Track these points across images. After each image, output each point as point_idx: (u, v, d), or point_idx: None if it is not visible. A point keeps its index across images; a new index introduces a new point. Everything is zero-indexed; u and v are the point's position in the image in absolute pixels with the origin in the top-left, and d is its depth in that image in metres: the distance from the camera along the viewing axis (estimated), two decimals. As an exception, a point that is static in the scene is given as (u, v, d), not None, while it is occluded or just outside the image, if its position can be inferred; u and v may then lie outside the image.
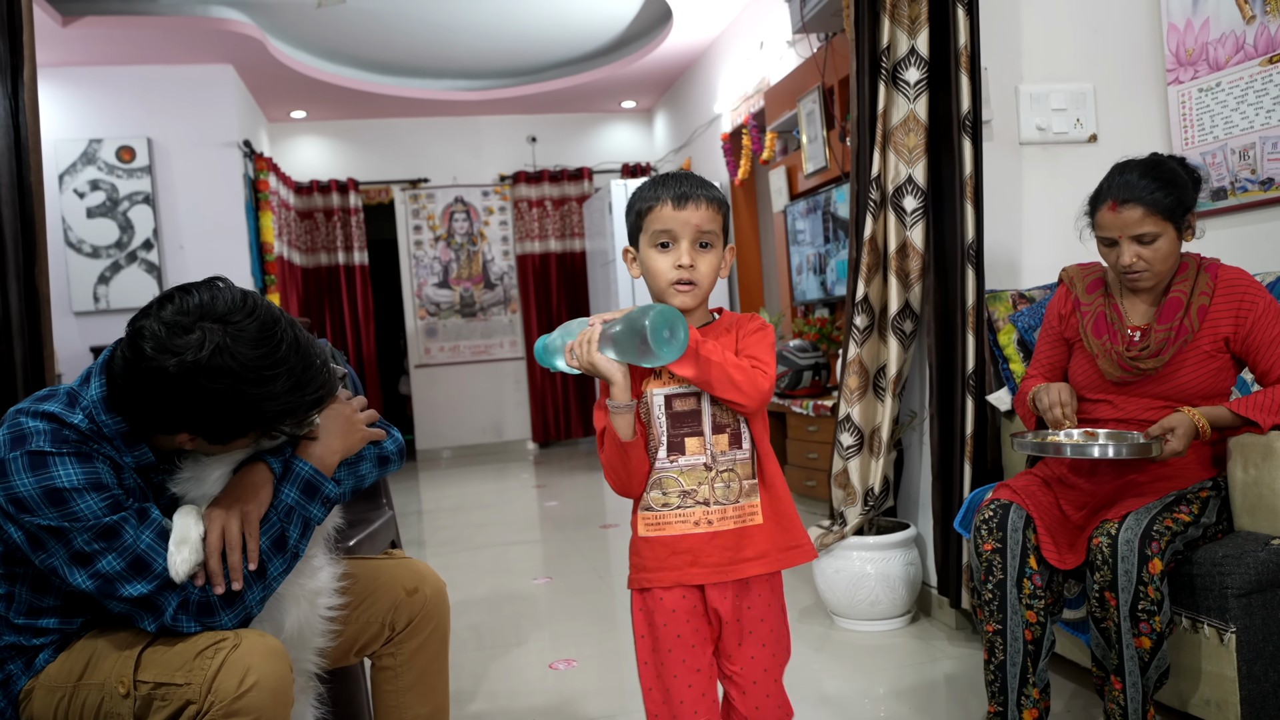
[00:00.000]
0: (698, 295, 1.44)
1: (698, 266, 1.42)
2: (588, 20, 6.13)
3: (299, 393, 1.31)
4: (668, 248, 1.43)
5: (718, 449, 1.44)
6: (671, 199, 1.42)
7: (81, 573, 1.27)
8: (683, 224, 1.42)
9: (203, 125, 5.93)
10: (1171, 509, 1.80)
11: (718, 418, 1.44)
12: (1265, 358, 1.88)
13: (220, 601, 1.33)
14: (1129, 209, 1.89)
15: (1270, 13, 2.48)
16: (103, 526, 1.27)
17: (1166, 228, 1.89)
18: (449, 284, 7.80)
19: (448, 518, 5.21)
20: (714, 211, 1.44)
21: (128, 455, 1.35)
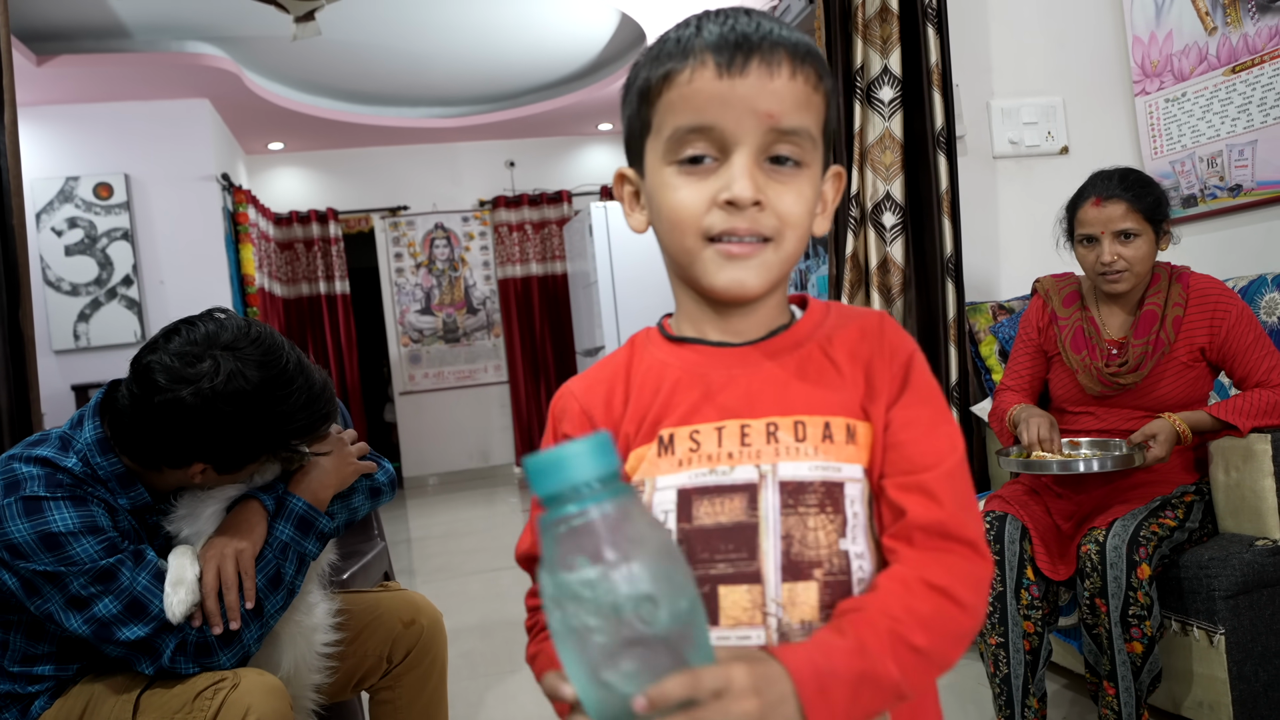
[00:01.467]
0: (770, 268, 0.75)
1: (771, 202, 0.73)
2: (562, 45, 6.18)
3: (311, 408, 1.33)
4: (701, 164, 0.74)
5: (794, 614, 0.72)
6: (714, 55, 0.72)
7: (78, 617, 1.27)
8: (740, 110, 0.72)
9: (180, 160, 5.92)
10: (1157, 514, 1.83)
11: (796, 540, 0.73)
12: (1242, 364, 1.92)
13: (218, 641, 1.32)
14: (1113, 204, 1.93)
15: (1231, 24, 2.54)
16: (99, 570, 1.26)
17: (1146, 228, 1.93)
18: (431, 310, 7.79)
19: (438, 545, 5.19)
20: (806, 85, 0.74)
21: (123, 497, 1.35)
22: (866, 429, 0.76)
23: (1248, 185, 2.54)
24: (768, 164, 0.74)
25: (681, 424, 0.78)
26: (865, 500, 0.75)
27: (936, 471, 0.74)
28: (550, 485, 0.58)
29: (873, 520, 0.76)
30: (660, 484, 0.76)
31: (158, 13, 5.02)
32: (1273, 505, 1.82)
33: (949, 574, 0.71)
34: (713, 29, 0.73)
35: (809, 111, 0.74)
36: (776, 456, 0.74)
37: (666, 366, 0.82)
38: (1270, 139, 2.47)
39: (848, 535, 0.74)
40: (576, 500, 0.57)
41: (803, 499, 0.74)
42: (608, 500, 0.57)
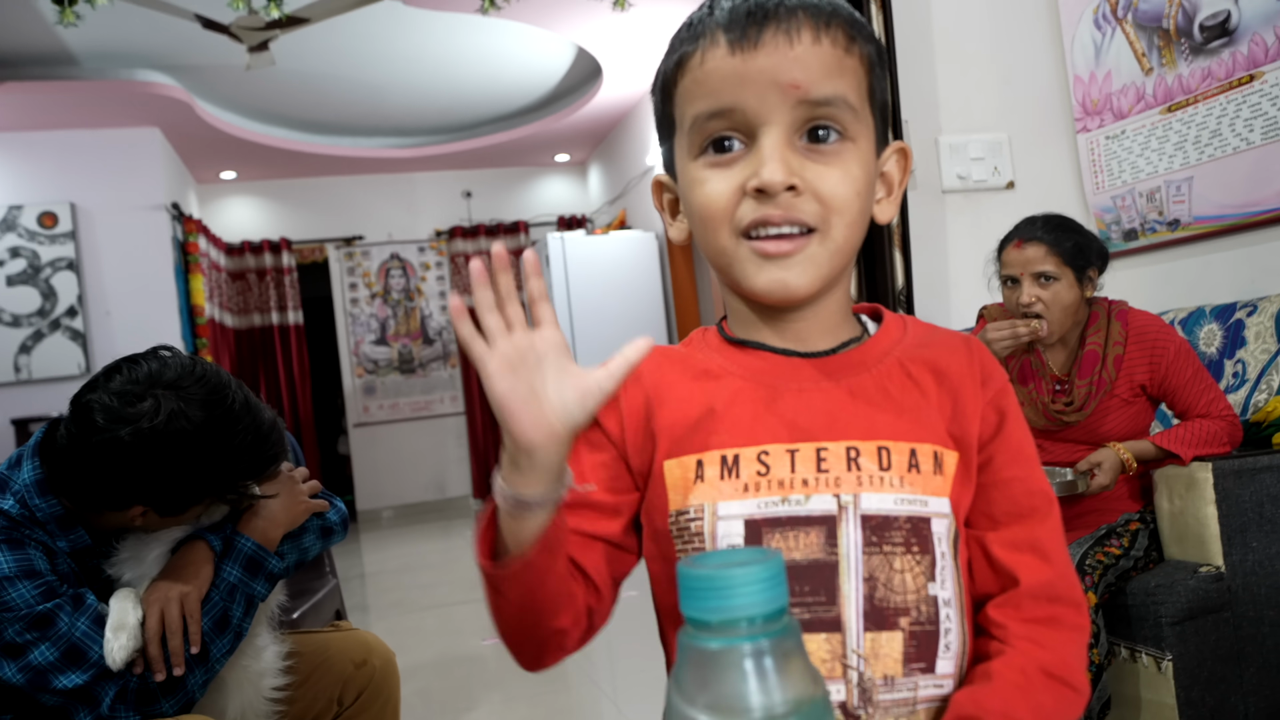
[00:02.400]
0: (818, 264, 0.67)
1: (810, 185, 0.66)
2: (519, 77, 6.21)
3: (258, 449, 1.30)
4: (728, 151, 0.67)
5: (876, 667, 0.65)
6: (725, 32, 0.66)
7: (12, 665, 1.22)
8: (760, 85, 0.65)
9: (128, 189, 5.83)
10: (1103, 542, 1.86)
11: (881, 583, 0.66)
12: (1183, 399, 1.97)
13: (160, 688, 1.29)
14: (1033, 246, 1.99)
15: (1166, 65, 2.64)
16: (35, 615, 1.22)
17: (1066, 272, 1.97)
18: (387, 341, 7.72)
19: (392, 580, 5.11)
20: (835, 48, 0.66)
21: (62, 540, 1.31)
22: (954, 459, 0.69)
23: (1185, 220, 2.63)
24: (804, 142, 0.66)
25: (747, 443, 0.68)
26: (951, 539, 0.68)
27: (1049, 524, 0.70)
28: (706, 612, 0.50)
29: (957, 561, 0.69)
30: (723, 511, 0.66)
31: (107, 41, 4.96)
32: (1215, 532, 1.86)
33: (1065, 657, 0.67)
34: (724, 4, 0.66)
35: (842, 77, 0.65)
36: (859, 486, 0.66)
37: (725, 371, 0.72)
38: (1205, 175, 2.55)
39: (936, 579, 0.66)
40: (733, 635, 0.50)
41: (888, 536, 0.66)
42: (766, 640, 0.50)
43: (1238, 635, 1.84)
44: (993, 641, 0.69)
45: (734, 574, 0.50)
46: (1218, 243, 2.56)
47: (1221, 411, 1.95)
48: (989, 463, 0.71)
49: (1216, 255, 2.57)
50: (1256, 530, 1.86)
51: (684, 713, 0.50)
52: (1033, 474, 0.72)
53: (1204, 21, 2.52)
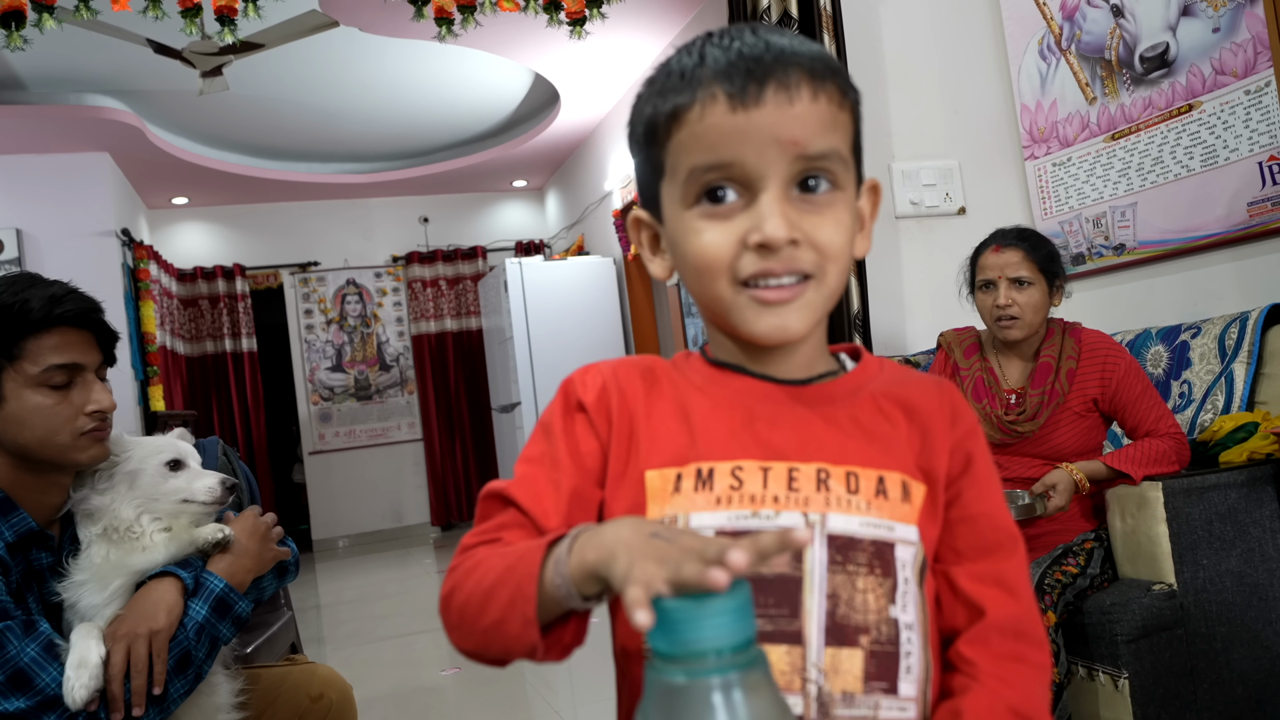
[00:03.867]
0: (814, 308, 0.70)
1: (808, 236, 0.68)
2: (477, 103, 6.22)
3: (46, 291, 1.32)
4: (722, 201, 0.68)
5: (835, 683, 0.66)
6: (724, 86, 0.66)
7: None
8: (761, 142, 0.66)
9: (77, 214, 5.72)
10: (1060, 562, 1.89)
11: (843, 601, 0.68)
12: (1132, 415, 2.02)
13: None
14: (1010, 251, 2.06)
15: (1109, 95, 2.72)
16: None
17: (1040, 279, 2.05)
18: (343, 367, 7.63)
19: (348, 610, 5.02)
20: (830, 104, 0.68)
21: (4, 527, 1.27)
22: (922, 491, 0.72)
23: (1130, 245, 2.70)
24: (798, 192, 0.68)
25: (722, 458, 0.70)
26: (916, 567, 0.70)
27: (1014, 560, 0.72)
28: (674, 645, 0.49)
29: (923, 590, 0.70)
30: (695, 522, 0.68)
31: (56, 65, 4.88)
32: (1167, 551, 1.89)
33: (1031, 695, 0.69)
34: (718, 55, 0.67)
35: (836, 131, 0.68)
36: (826, 506, 0.69)
37: (705, 389, 0.75)
38: (1149, 202, 2.63)
39: (898, 602, 0.68)
40: (700, 668, 0.49)
41: (852, 556, 0.68)
42: (735, 672, 0.49)
43: (1190, 652, 1.88)
44: (960, 677, 0.70)
45: (701, 605, 0.49)
46: (1161, 266, 2.64)
47: (1170, 429, 1.99)
48: (957, 499, 0.73)
49: (1161, 279, 2.64)
50: (1206, 547, 1.90)
51: None
52: (999, 511, 0.74)
53: (1144, 53, 2.60)
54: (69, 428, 1.29)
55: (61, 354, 1.30)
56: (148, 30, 4.00)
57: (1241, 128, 2.37)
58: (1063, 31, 2.83)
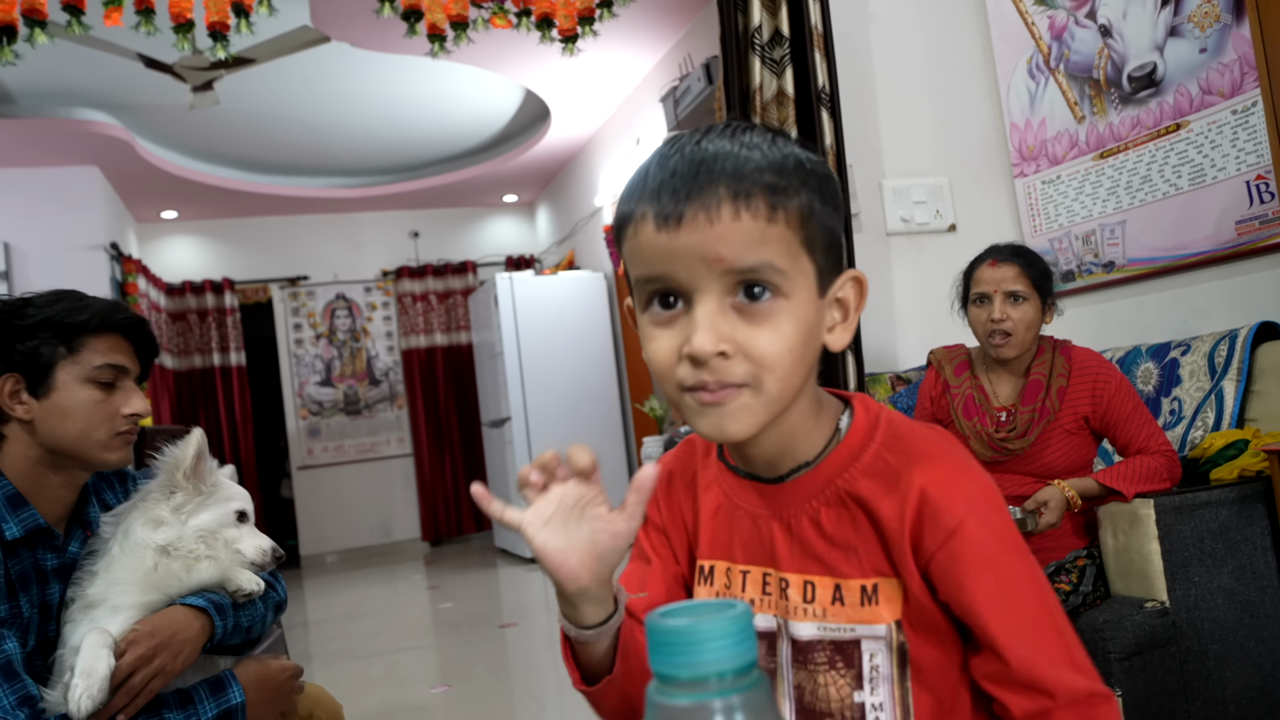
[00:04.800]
0: (753, 411, 0.69)
1: (742, 346, 0.68)
2: (467, 118, 6.23)
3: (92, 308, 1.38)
4: (672, 306, 0.71)
5: None
6: (653, 206, 0.69)
7: None
8: (688, 260, 0.69)
9: (65, 228, 5.69)
10: (1053, 579, 1.89)
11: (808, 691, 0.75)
12: (1124, 433, 2.03)
13: None
14: (1006, 266, 2.08)
15: (1097, 114, 2.74)
16: None
17: (1034, 295, 2.06)
18: (332, 382, 7.60)
19: (337, 627, 4.98)
20: (756, 220, 0.68)
21: (13, 523, 1.29)
22: (894, 586, 0.72)
23: (1120, 262, 2.72)
24: (741, 299, 0.68)
25: (718, 557, 0.81)
26: (892, 649, 0.72)
27: (1040, 663, 0.68)
28: (676, 669, 0.49)
29: (905, 667, 0.72)
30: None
31: (45, 79, 4.87)
32: (1159, 568, 1.90)
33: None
34: (656, 172, 0.70)
35: (766, 245, 0.67)
36: (788, 614, 0.76)
37: (709, 485, 0.84)
38: (1138, 219, 2.65)
39: (864, 688, 0.73)
40: (702, 691, 0.49)
41: (811, 656, 0.74)
42: (737, 695, 0.49)
43: (1183, 669, 1.88)
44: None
45: (702, 627, 0.49)
46: (1151, 284, 2.66)
47: (1161, 446, 2.00)
48: (954, 607, 0.71)
49: (1150, 296, 2.66)
50: (1198, 565, 1.90)
51: None
52: (1007, 609, 0.70)
53: (1131, 72, 2.63)
54: (107, 425, 1.36)
55: (113, 356, 1.38)
56: (139, 45, 3.99)
57: (1229, 147, 2.40)
58: (1051, 51, 2.86)
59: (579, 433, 6.37)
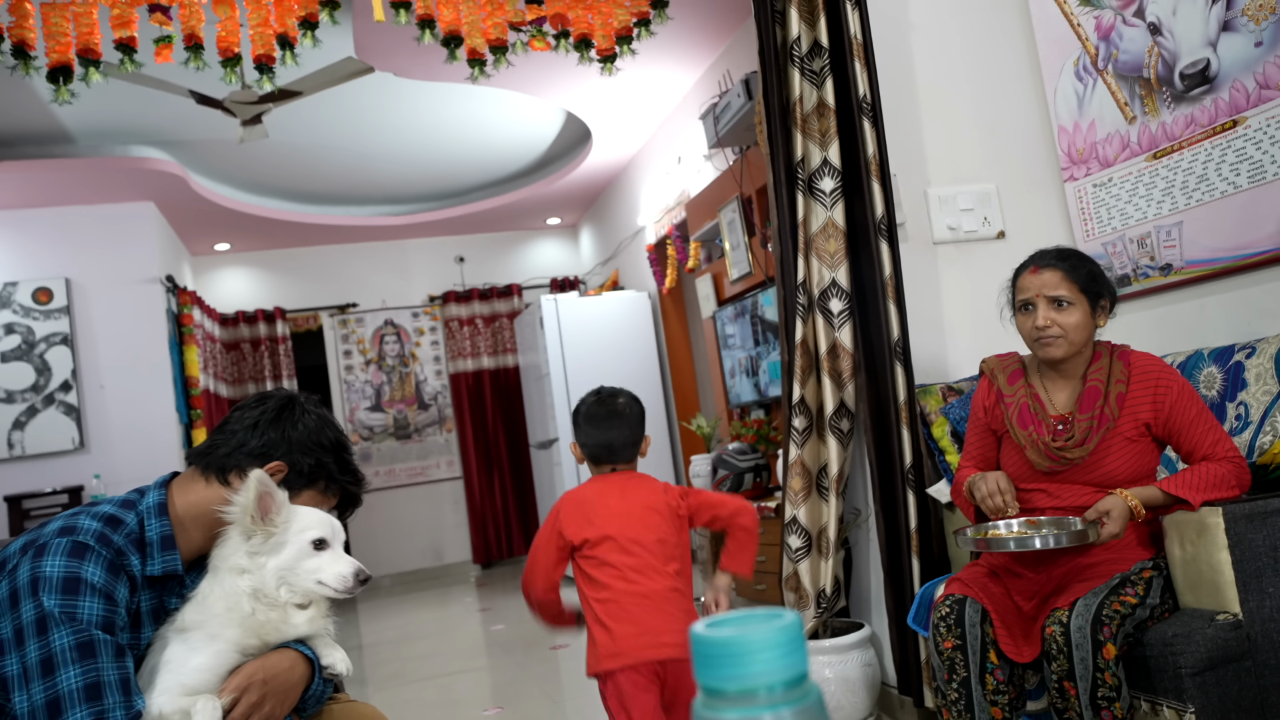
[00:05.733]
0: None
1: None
2: (510, 143, 6.29)
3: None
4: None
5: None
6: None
7: (39, 684, 1.24)
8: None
9: (123, 263, 5.85)
10: (1118, 592, 1.83)
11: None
12: (1188, 439, 1.95)
13: None
14: (1049, 272, 2.02)
15: (1149, 113, 2.67)
16: (87, 638, 1.27)
17: (1081, 299, 2.00)
18: (382, 407, 7.69)
19: (390, 650, 5.00)
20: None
21: (158, 562, 1.38)
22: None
23: (1177, 265, 2.64)
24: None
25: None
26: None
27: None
28: (724, 681, 0.47)
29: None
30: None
31: (102, 119, 5.02)
32: (1230, 579, 1.82)
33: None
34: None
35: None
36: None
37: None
38: (1195, 220, 2.57)
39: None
40: (751, 705, 0.47)
41: None
42: (788, 709, 0.47)
43: (1260, 684, 1.80)
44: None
45: (749, 637, 0.47)
46: (1212, 286, 2.57)
47: (1227, 453, 1.93)
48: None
49: (1211, 298, 2.57)
50: (1272, 575, 1.82)
51: None
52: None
53: (1184, 70, 2.56)
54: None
55: (326, 504, 1.58)
56: (189, 81, 4.10)
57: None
58: (1099, 51, 2.80)
59: (627, 452, 6.35)
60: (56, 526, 1.36)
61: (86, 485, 5.50)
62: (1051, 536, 1.89)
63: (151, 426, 5.75)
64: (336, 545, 1.45)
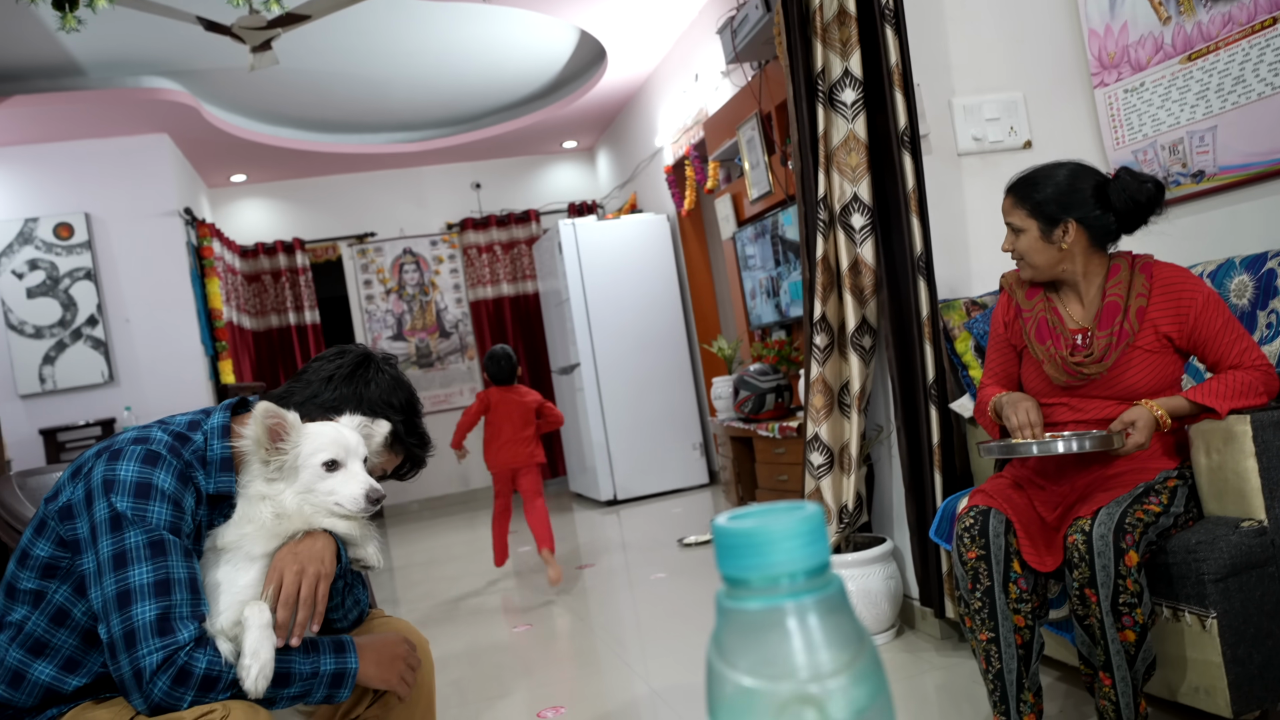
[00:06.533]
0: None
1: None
2: (523, 65, 6.17)
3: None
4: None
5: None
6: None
7: (111, 577, 1.29)
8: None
9: (141, 196, 5.85)
10: (1141, 500, 1.83)
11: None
12: (1214, 350, 1.93)
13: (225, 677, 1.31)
14: (1007, 197, 2.09)
15: (1185, 13, 2.57)
16: (158, 538, 1.32)
17: (1030, 223, 2.02)
18: (404, 336, 7.73)
19: (420, 573, 5.12)
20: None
21: (218, 481, 1.43)
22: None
23: (1210, 171, 2.57)
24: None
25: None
26: None
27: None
28: (745, 570, 0.47)
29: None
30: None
31: (112, 49, 4.96)
32: (1256, 486, 1.82)
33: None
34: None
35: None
36: None
37: None
38: (1229, 124, 2.49)
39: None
40: (772, 593, 0.47)
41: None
42: (809, 597, 0.47)
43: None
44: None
45: (771, 527, 0.47)
46: (1245, 192, 2.51)
47: (1255, 361, 1.90)
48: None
49: (1244, 205, 2.51)
50: (1299, 481, 1.81)
51: (726, 677, 0.48)
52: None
53: (1222, -35, 2.46)
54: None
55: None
56: (196, 7, 4.03)
57: (1330, 39, 2.23)
58: (1132, -51, 2.69)
59: (649, 375, 6.38)
60: (130, 435, 1.41)
61: (118, 418, 5.60)
62: (1074, 440, 1.89)
63: (178, 359, 5.82)
64: (352, 463, 1.44)
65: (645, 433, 6.36)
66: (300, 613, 1.34)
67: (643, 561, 4.50)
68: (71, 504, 1.36)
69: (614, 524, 5.76)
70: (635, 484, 6.35)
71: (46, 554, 1.37)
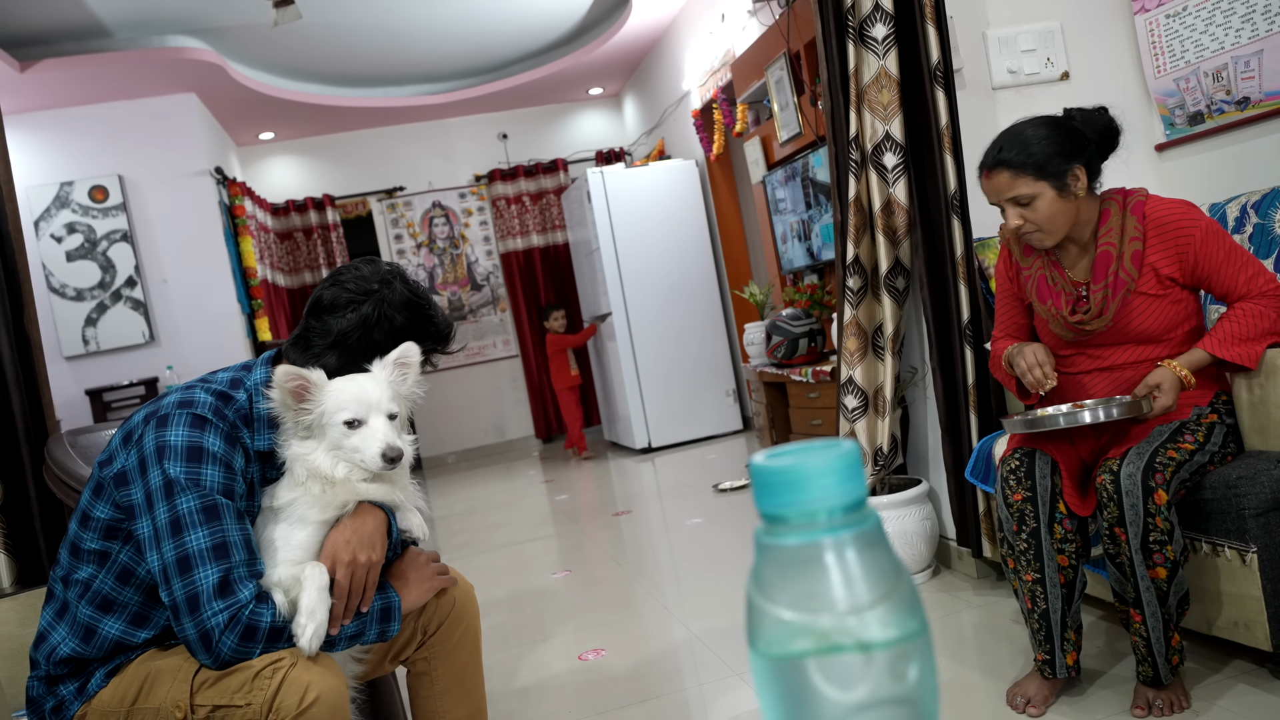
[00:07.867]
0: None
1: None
2: (546, 11, 6.09)
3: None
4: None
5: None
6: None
7: (170, 543, 1.33)
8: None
9: (172, 157, 5.89)
10: (1175, 439, 1.80)
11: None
12: (1220, 282, 1.88)
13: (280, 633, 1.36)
14: (997, 174, 1.93)
15: (1230, -68, 2.48)
16: (211, 502, 1.36)
17: (1042, 185, 1.88)
18: (435, 289, 7.78)
19: (460, 522, 5.22)
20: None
21: (264, 438, 1.46)
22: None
23: (1256, 97, 2.49)
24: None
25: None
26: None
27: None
28: (783, 506, 0.48)
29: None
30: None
31: (136, 8, 4.97)
32: (1299, 419, 1.79)
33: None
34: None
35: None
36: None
37: None
38: (1276, 47, 2.41)
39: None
40: (810, 529, 0.48)
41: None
42: (847, 532, 0.48)
43: (1326, 523, 1.78)
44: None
45: (808, 464, 0.48)
46: (1291, 118, 2.43)
47: (1264, 287, 1.85)
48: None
49: (1291, 132, 2.44)
50: (1344, 414, 1.78)
51: (766, 612, 0.49)
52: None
53: (1270, -120, 2.35)
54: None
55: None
56: (218, -37, 4.01)
57: (1385, -46, 2.13)
58: None
59: (680, 322, 6.38)
60: (175, 399, 1.44)
61: (161, 377, 5.72)
62: (1101, 408, 1.85)
63: (216, 318, 5.91)
64: (374, 418, 1.46)
65: (678, 380, 6.38)
66: (351, 601, 1.41)
67: (679, 508, 4.55)
68: (126, 470, 1.39)
69: (649, 471, 5.81)
70: (669, 432, 6.38)
71: (106, 516, 1.41)
